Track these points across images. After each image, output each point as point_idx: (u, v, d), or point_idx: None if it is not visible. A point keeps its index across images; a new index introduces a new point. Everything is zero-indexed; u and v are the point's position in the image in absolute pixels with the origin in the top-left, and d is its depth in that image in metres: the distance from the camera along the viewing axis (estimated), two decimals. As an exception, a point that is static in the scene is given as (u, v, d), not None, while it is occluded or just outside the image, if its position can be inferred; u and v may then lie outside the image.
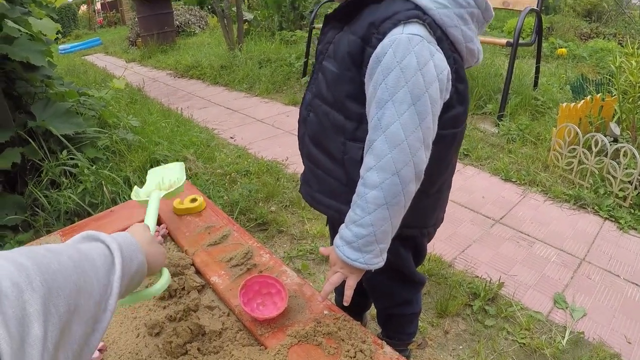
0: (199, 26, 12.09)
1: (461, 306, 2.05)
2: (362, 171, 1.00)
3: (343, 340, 1.07)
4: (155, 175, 1.58)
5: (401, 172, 0.95)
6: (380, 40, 0.96)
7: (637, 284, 2.28)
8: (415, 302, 1.52)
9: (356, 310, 1.68)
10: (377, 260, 1.04)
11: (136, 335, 1.19)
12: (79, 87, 3.75)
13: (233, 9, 7.64)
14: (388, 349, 1.05)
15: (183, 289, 1.32)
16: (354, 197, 1.02)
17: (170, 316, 1.22)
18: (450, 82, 1.02)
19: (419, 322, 1.90)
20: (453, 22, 1.00)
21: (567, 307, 2.09)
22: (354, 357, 1.03)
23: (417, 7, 0.97)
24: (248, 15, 8.93)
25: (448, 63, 0.99)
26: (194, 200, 1.70)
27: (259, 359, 1.04)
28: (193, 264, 1.40)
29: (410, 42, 0.93)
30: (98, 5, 26.67)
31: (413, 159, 0.95)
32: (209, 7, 14.03)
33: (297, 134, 1.30)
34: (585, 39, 8.87)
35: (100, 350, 1.13)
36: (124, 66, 8.53)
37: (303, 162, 1.29)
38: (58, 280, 0.60)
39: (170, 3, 10.29)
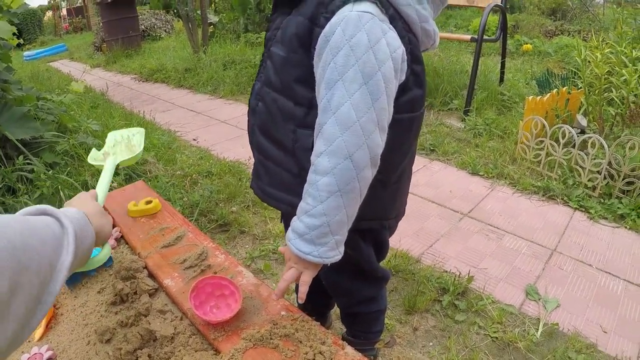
0: (165, 30, 11.99)
1: (430, 302, 2.01)
2: (312, 157, 0.93)
3: (301, 342, 1.00)
4: (114, 138, 1.49)
5: (354, 156, 0.88)
6: (328, 19, 0.90)
7: (610, 273, 2.27)
8: (380, 298, 1.45)
9: (319, 310, 1.62)
10: (332, 253, 0.97)
11: (87, 343, 1.12)
12: (41, 92, 3.65)
13: (198, 12, 7.57)
14: (350, 349, 0.99)
15: (135, 293, 1.24)
16: (305, 186, 0.95)
17: (122, 322, 1.14)
18: (406, 63, 0.96)
19: (386, 319, 1.85)
20: (406, 1, 0.95)
21: (539, 299, 2.06)
22: (313, 359, 0.96)
23: None
24: (213, 18, 8.89)
25: (402, 43, 0.93)
26: (148, 202, 1.62)
27: (211, 363, 0.97)
28: (146, 267, 1.32)
29: (361, 20, 0.87)
30: (64, 11, 26.34)
31: (367, 141, 0.88)
32: (175, 10, 13.89)
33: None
34: (550, 36, 9.00)
35: (49, 359, 1.07)
36: (87, 71, 8.42)
37: (253, 154, 1.22)
38: (2, 258, 0.56)
39: (135, 7, 10.21)
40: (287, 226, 1.20)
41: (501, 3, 4.34)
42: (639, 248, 2.46)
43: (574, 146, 2.97)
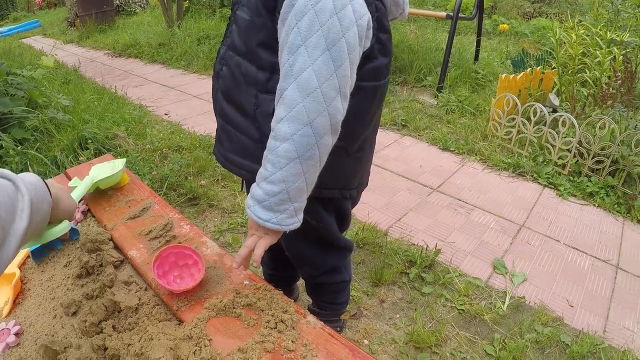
0: (140, 5, 11.78)
1: (397, 274, 2.03)
2: (272, 123, 0.92)
3: (263, 310, 1.01)
4: (96, 169, 1.50)
5: (314, 123, 0.87)
6: None
7: (577, 249, 2.32)
8: (344, 269, 1.46)
9: (285, 281, 1.63)
10: (291, 220, 0.97)
11: (53, 317, 1.12)
12: (12, 68, 3.58)
13: (174, -17, 7.47)
14: (312, 317, 1.00)
15: (100, 265, 1.24)
16: (265, 152, 0.94)
17: (87, 294, 1.14)
18: (371, 31, 0.95)
19: (353, 292, 1.87)
20: None
21: (506, 273, 2.10)
22: (275, 327, 0.97)
23: None
24: (188, -8, 8.75)
25: (369, 10, 0.92)
26: (114, 174, 1.61)
27: (175, 334, 0.97)
28: (111, 239, 1.32)
29: None
30: (38, -15, 25.71)
31: (328, 108, 0.87)
32: (150, -16, 13.69)
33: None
34: (529, 18, 9.04)
35: (16, 334, 1.07)
36: (60, 47, 8.26)
37: (217, 121, 1.20)
38: None
39: (109, -18, 10.02)
40: (248, 192, 1.20)
41: (479, -18, 4.35)
42: (606, 225, 2.52)
43: (545, 124, 3.01)
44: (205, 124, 3.71)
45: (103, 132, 3.01)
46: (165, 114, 4.04)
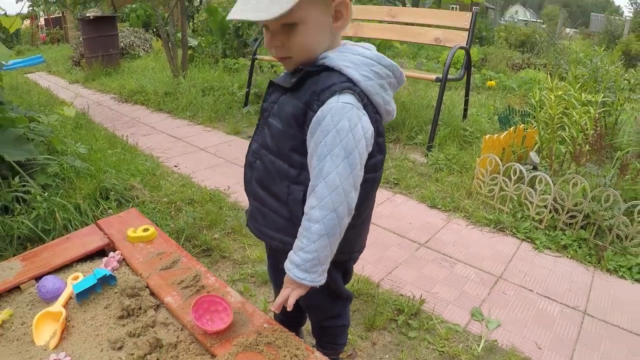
0: (144, 49, 12.11)
1: (387, 321, 2.28)
2: (306, 209, 1.24)
3: (280, 347, 1.28)
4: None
5: (338, 210, 1.20)
6: (320, 106, 1.20)
7: (548, 297, 2.54)
8: (345, 315, 1.75)
9: (294, 325, 1.89)
10: (320, 278, 1.30)
11: (100, 350, 1.35)
12: (26, 110, 3.80)
13: (178, 34, 7.78)
14: (318, 354, 1.27)
15: (140, 308, 1.49)
16: (300, 229, 1.26)
17: (130, 332, 1.39)
18: (373, 138, 1.27)
19: (349, 335, 2.10)
20: (376, 91, 1.26)
21: (483, 319, 2.33)
22: (290, 360, 1.24)
23: (349, 79, 1.22)
24: (192, 42, 9.08)
25: (371, 122, 1.24)
26: (146, 229, 1.88)
27: (210, 365, 1.24)
28: (147, 287, 1.58)
29: (344, 109, 1.18)
30: (42, 21, 26.14)
31: (346, 199, 1.20)
32: (154, 29, 14.12)
33: (243, 175, 1.51)
34: (517, 70, 9.38)
35: None
36: (67, 87, 8.53)
37: (249, 200, 1.50)
38: None
39: (116, 25, 10.31)
40: (272, 256, 1.50)
41: (466, 44, 4.66)
42: (577, 275, 2.74)
43: (524, 182, 3.28)
44: (213, 178, 3.95)
45: (121, 184, 3.27)
46: (175, 166, 4.28)
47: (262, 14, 1.11)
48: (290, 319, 1.80)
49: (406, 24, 5.26)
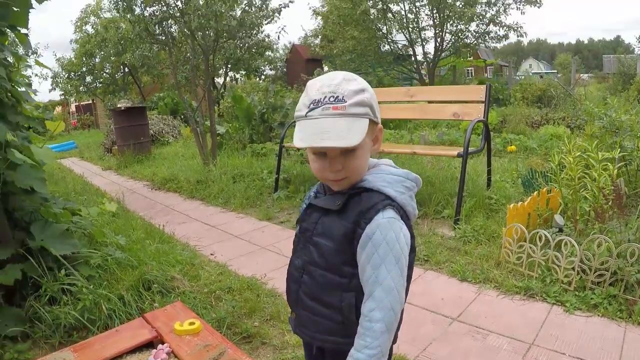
0: (172, 135, 12.56)
1: (423, 398, 2.35)
2: (365, 312, 1.38)
3: None
4: None
5: (394, 308, 1.35)
6: (367, 223, 1.36)
7: (581, 358, 2.56)
8: None
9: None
10: None
11: None
12: (64, 201, 3.95)
13: (206, 122, 8.10)
14: None
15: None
16: (362, 330, 1.39)
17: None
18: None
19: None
20: (407, 202, 1.44)
21: None
22: None
23: (388, 197, 1.40)
24: (220, 129, 9.41)
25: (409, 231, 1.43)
26: (192, 323, 2.03)
27: None
28: (197, 378, 1.71)
29: (389, 223, 1.35)
30: (73, 108, 27.23)
31: (399, 298, 1.36)
32: (182, 116, 14.67)
33: (286, 288, 1.65)
34: (537, 127, 9.45)
35: None
36: (100, 174, 8.85)
37: (298, 311, 1.61)
38: None
39: (146, 115, 10.77)
40: (315, 353, 1.64)
41: (483, 116, 4.83)
42: (609, 332, 2.75)
43: (550, 247, 3.33)
44: (249, 266, 4.08)
45: (162, 275, 3.41)
46: (212, 254, 4.42)
47: (348, 141, 1.28)
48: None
49: (424, 102, 5.47)
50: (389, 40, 18.58)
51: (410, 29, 18.18)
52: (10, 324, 2.89)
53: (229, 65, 8.50)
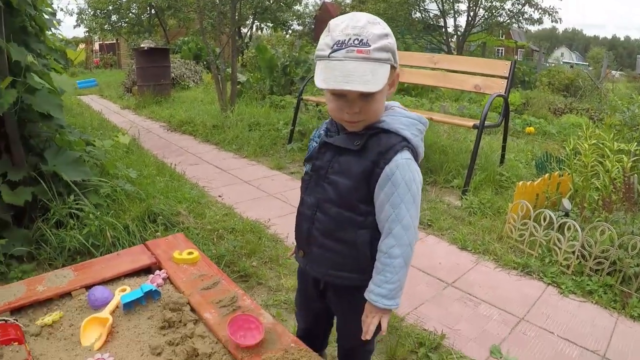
0: (194, 80, 12.55)
1: (408, 352, 2.38)
2: (384, 248, 1.46)
3: (303, 365, 1.43)
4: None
5: (411, 245, 1.45)
6: (386, 163, 1.42)
7: (569, 340, 2.58)
8: (373, 342, 1.89)
9: (318, 346, 2.01)
10: (400, 300, 1.52)
11: (141, 354, 1.52)
12: (81, 133, 4.04)
13: (228, 69, 8.09)
14: (337, 373, 1.42)
15: (180, 321, 1.66)
16: (380, 266, 1.48)
17: (170, 341, 1.56)
18: None
19: (373, 363, 2.24)
20: (419, 144, 1.49)
21: (501, 357, 2.40)
22: (311, 377, 1.39)
23: (404, 139, 1.44)
24: (241, 77, 9.39)
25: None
26: (190, 252, 2.07)
27: (239, 375, 1.39)
28: (189, 303, 1.76)
29: (407, 164, 1.41)
30: (96, 46, 27.18)
31: (415, 235, 1.46)
32: (204, 62, 14.63)
33: (295, 224, 1.70)
34: (560, 114, 9.34)
35: None
36: (118, 112, 8.90)
37: (308, 248, 1.66)
38: None
39: (169, 57, 10.73)
40: (326, 288, 1.71)
41: (504, 92, 4.80)
42: (600, 320, 2.77)
43: (553, 228, 3.36)
44: (255, 210, 4.13)
45: (168, 209, 3.49)
46: (219, 196, 4.49)
47: (371, 86, 1.29)
48: (316, 343, 1.94)
49: (448, 70, 5.42)
50: (421, 8, 18.30)
51: (443, -1, 17.92)
52: (17, 244, 2.98)
53: (256, 15, 8.42)
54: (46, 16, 3.55)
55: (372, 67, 1.30)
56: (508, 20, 18.39)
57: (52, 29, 3.70)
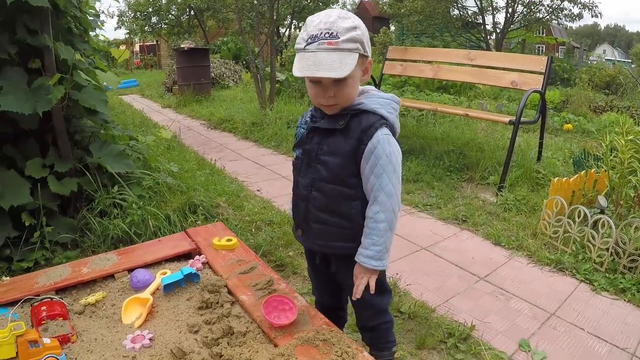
0: (233, 80, 12.72)
1: (437, 342, 2.43)
2: (370, 214, 1.61)
3: (334, 344, 1.51)
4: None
5: (394, 210, 1.59)
6: (369, 139, 1.57)
7: (599, 337, 2.57)
8: (388, 312, 2.00)
9: (339, 325, 2.08)
10: (386, 262, 1.65)
11: (179, 332, 1.63)
12: (125, 129, 4.23)
13: (267, 68, 8.20)
14: (366, 353, 1.49)
15: (217, 302, 1.77)
16: (367, 230, 1.62)
17: (207, 320, 1.66)
18: None
19: (400, 351, 2.28)
20: (395, 121, 1.65)
21: (529, 351, 2.43)
22: (340, 356, 1.46)
23: (382, 117, 1.60)
24: (280, 76, 9.50)
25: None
26: (229, 240, 2.18)
27: (273, 351, 1.47)
28: (226, 286, 1.86)
29: (387, 139, 1.57)
30: (137, 47, 27.72)
31: (398, 202, 1.60)
32: (244, 62, 14.81)
33: (292, 204, 1.88)
34: (600, 112, 9.18)
35: (150, 339, 1.57)
36: (159, 111, 9.10)
37: (310, 226, 1.77)
38: None
39: (209, 57, 10.91)
40: (329, 260, 1.84)
41: (541, 88, 4.77)
42: (632, 318, 2.75)
43: (587, 225, 3.34)
44: (292, 204, 4.21)
45: (208, 201, 3.61)
46: (258, 190, 4.60)
47: (337, 73, 1.45)
48: (337, 321, 2.02)
49: (484, 67, 5.42)
50: (459, 5, 18.11)
51: (481, -5, 17.70)
52: (62, 231, 3.15)
53: (294, 14, 8.50)
54: (90, 18, 3.71)
55: (340, 56, 1.47)
56: (547, 16, 18.04)
57: (96, 29, 3.87)
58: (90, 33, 3.78)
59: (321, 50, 1.46)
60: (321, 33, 1.47)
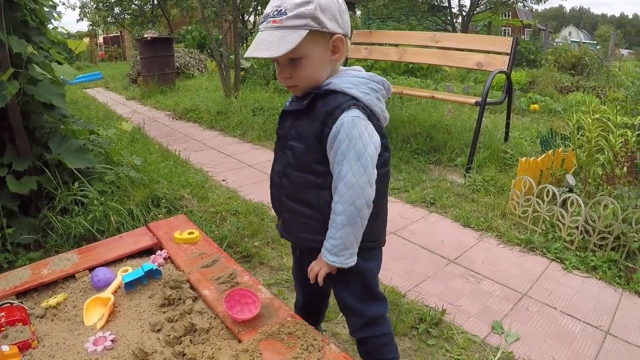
0: (198, 69, 12.57)
1: (408, 328, 2.40)
2: (332, 204, 1.47)
3: (299, 337, 1.45)
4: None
5: (356, 203, 1.43)
6: (333, 122, 1.43)
7: (572, 315, 2.58)
8: (383, 323, 1.78)
9: (314, 319, 1.99)
10: (348, 260, 1.51)
11: (141, 332, 1.56)
12: (86, 123, 4.10)
13: (232, 56, 8.10)
14: (333, 345, 1.44)
15: (179, 299, 1.70)
16: (329, 222, 1.49)
17: (169, 318, 1.59)
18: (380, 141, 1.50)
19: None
20: (374, 103, 1.51)
21: (502, 333, 2.42)
22: (306, 349, 1.41)
23: (353, 97, 1.46)
24: (245, 64, 9.40)
25: (375, 128, 1.48)
26: (191, 232, 2.10)
27: (236, 347, 1.41)
28: (188, 281, 1.79)
29: (353, 122, 1.42)
30: (100, 39, 27.25)
31: (362, 194, 1.43)
32: (209, 51, 14.62)
33: (270, 196, 1.73)
34: (566, 93, 9.27)
35: (112, 341, 1.50)
36: (124, 103, 8.95)
37: (282, 216, 1.69)
38: None
39: (172, 46, 10.74)
40: (304, 256, 1.72)
41: (507, 69, 4.77)
42: (604, 295, 2.76)
43: (556, 204, 3.34)
44: (258, 192, 4.15)
45: (172, 193, 3.52)
46: (223, 180, 4.53)
47: (272, 52, 1.36)
48: (311, 315, 1.95)
49: (449, 48, 5.40)
50: (425, -12, 18.11)
51: (447, -22, 17.70)
52: (24, 232, 3.03)
53: (258, 1, 8.39)
54: (46, 9, 3.57)
55: (281, 34, 1.38)
56: (513, -1, 18.18)
57: (53, 22, 3.73)
58: (49, 26, 3.64)
59: (266, 30, 1.40)
60: (272, 11, 1.39)
